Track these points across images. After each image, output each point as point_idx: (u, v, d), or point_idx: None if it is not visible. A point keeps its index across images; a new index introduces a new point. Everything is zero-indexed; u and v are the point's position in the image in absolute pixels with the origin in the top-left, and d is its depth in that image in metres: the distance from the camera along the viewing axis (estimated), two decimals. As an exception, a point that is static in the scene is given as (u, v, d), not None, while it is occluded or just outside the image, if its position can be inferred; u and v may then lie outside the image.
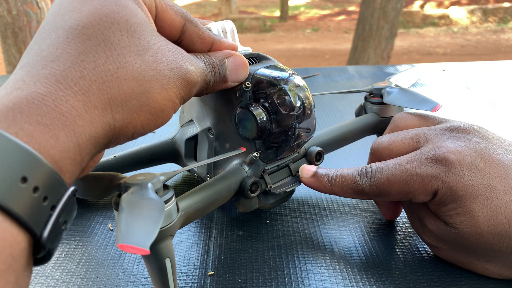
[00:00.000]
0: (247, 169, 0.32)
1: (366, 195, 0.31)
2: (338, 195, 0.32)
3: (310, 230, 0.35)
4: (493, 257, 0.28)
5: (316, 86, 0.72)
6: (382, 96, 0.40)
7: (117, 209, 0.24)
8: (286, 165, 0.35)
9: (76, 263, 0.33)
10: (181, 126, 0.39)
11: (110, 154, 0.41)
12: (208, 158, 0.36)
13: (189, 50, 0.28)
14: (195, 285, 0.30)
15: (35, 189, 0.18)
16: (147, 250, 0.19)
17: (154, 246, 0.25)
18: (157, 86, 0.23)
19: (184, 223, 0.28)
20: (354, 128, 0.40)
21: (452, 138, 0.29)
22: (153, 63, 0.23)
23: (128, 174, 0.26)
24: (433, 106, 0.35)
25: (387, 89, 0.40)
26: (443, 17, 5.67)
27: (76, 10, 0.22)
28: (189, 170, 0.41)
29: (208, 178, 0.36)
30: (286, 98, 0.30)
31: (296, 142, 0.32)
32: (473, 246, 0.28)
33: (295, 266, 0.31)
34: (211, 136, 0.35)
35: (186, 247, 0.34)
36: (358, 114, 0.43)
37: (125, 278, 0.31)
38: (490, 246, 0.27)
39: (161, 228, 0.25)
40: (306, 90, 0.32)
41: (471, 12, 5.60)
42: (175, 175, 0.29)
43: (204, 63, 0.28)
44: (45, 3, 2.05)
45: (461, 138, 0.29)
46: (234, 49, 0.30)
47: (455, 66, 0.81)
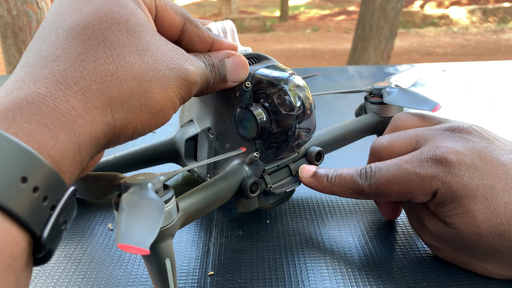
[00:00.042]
0: (247, 169, 0.32)
1: (365, 195, 0.31)
2: (338, 195, 0.32)
3: (310, 230, 0.35)
4: (493, 257, 0.28)
5: (316, 86, 0.72)
6: (382, 96, 0.40)
7: (117, 209, 0.24)
8: (286, 165, 0.35)
9: (76, 263, 0.33)
10: (181, 126, 0.39)
11: (110, 154, 0.41)
12: (208, 158, 0.36)
13: (189, 50, 0.28)
14: (195, 285, 0.30)
15: (35, 189, 0.18)
16: (147, 250, 0.19)
17: (154, 246, 0.25)
18: (157, 86, 0.23)
19: (184, 223, 0.28)
20: (354, 128, 0.40)
21: (451, 138, 0.29)
22: (153, 63, 0.23)
23: (128, 174, 0.26)
24: (433, 106, 0.35)
25: (387, 89, 0.40)
26: (443, 17, 5.67)
27: (76, 10, 0.22)
28: (189, 170, 0.41)
29: (208, 178, 0.36)
30: (286, 98, 0.30)
31: (296, 142, 0.32)
32: (472, 246, 0.28)
33: (295, 266, 0.31)
34: (211, 136, 0.35)
35: (186, 247, 0.34)
36: (358, 114, 0.43)
37: (125, 278, 0.31)
38: (489, 246, 0.27)
39: (161, 228, 0.25)
40: (306, 90, 0.32)
41: (471, 12, 5.60)
42: (175, 175, 0.29)
43: (204, 63, 0.28)
44: (45, 3, 2.05)
45: (460, 138, 0.29)
46: (234, 49, 0.30)
47: (455, 66, 0.81)
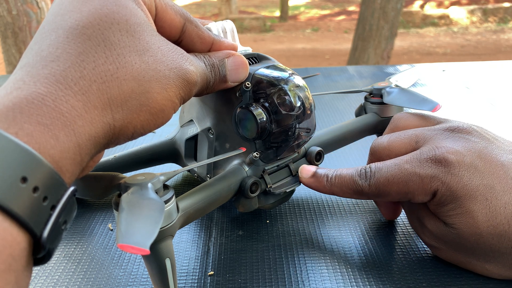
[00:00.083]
0: (247, 169, 0.32)
1: (365, 195, 0.31)
2: (338, 195, 0.32)
3: (310, 230, 0.35)
4: (492, 257, 0.28)
5: (316, 86, 0.72)
6: (382, 96, 0.40)
7: (117, 209, 0.24)
8: (286, 165, 0.35)
9: (76, 263, 0.33)
10: (181, 126, 0.39)
11: (110, 154, 0.41)
12: (208, 158, 0.36)
13: (189, 50, 0.28)
14: (195, 285, 0.30)
15: (35, 189, 0.18)
16: (147, 250, 0.19)
17: (154, 246, 0.25)
18: (156, 86, 0.23)
19: (184, 223, 0.28)
20: (354, 128, 0.40)
21: (451, 138, 0.29)
22: (152, 63, 0.23)
23: (128, 174, 0.26)
24: (433, 106, 0.35)
25: (387, 89, 0.40)
26: (443, 17, 5.67)
27: (76, 10, 0.22)
28: (189, 170, 0.41)
29: (208, 178, 0.36)
30: (286, 98, 0.30)
31: (296, 142, 0.32)
32: (472, 246, 0.28)
33: (295, 266, 0.31)
34: (211, 136, 0.35)
35: (186, 247, 0.34)
36: (358, 114, 0.43)
37: (125, 278, 0.31)
38: (489, 246, 0.27)
39: (161, 228, 0.25)
40: (306, 90, 0.32)
41: (471, 12, 5.60)
42: (175, 175, 0.29)
43: (204, 63, 0.28)
44: (45, 3, 2.05)
45: (460, 138, 0.29)
46: (234, 49, 0.30)
47: (455, 66, 0.81)
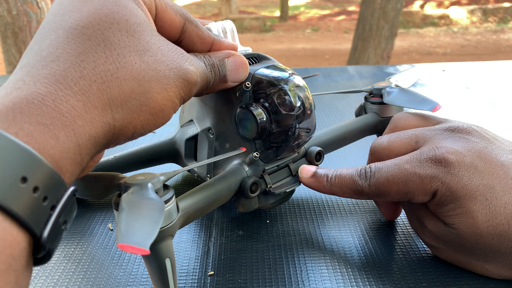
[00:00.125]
0: (247, 169, 0.32)
1: (365, 195, 0.31)
2: (338, 195, 0.32)
3: (310, 230, 0.35)
4: (492, 257, 0.28)
5: (316, 86, 0.72)
6: (382, 96, 0.40)
7: (117, 209, 0.24)
8: (286, 165, 0.35)
9: (76, 263, 0.33)
10: (181, 126, 0.39)
11: (110, 154, 0.41)
12: (208, 158, 0.36)
13: (189, 50, 0.28)
14: (195, 285, 0.30)
15: (35, 189, 0.18)
16: (147, 250, 0.19)
17: (154, 246, 0.25)
18: (156, 86, 0.23)
19: (184, 223, 0.28)
20: (354, 128, 0.40)
21: (451, 138, 0.29)
22: (153, 63, 0.23)
23: (128, 174, 0.26)
24: (433, 106, 0.35)
25: (387, 89, 0.40)
26: (443, 17, 5.67)
27: (76, 10, 0.22)
28: (189, 170, 0.41)
29: (208, 178, 0.36)
30: (286, 98, 0.30)
31: (296, 142, 0.32)
32: (472, 246, 0.28)
33: (295, 266, 0.31)
34: (211, 136, 0.35)
35: (186, 247, 0.34)
36: (358, 114, 0.43)
37: (125, 278, 0.31)
38: (489, 246, 0.27)
39: (161, 228, 0.25)
40: (306, 90, 0.32)
41: (471, 12, 5.60)
42: (175, 175, 0.29)
43: (204, 63, 0.28)
44: (45, 3, 2.05)
45: (460, 138, 0.29)
46: (234, 49, 0.30)
47: (455, 66, 0.81)
